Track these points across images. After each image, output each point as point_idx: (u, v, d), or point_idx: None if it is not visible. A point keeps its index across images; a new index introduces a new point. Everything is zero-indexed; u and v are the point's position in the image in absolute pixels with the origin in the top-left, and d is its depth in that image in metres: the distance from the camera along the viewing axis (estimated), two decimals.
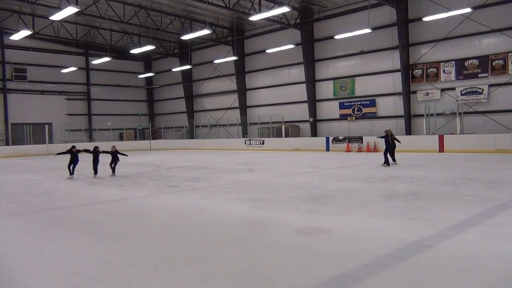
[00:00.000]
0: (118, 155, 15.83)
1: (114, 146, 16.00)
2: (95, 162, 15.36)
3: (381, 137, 16.49)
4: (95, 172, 15.11)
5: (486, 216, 6.90)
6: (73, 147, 15.26)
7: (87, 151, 15.64)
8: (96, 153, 15.51)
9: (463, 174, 12.57)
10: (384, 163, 15.77)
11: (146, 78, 46.04)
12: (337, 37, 26.78)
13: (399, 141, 16.53)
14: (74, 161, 14.99)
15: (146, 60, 45.50)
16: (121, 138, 42.84)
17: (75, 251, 5.58)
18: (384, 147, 16.27)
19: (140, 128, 44.30)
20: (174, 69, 38.95)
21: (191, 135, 41.69)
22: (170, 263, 4.95)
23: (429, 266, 4.57)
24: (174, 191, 11.04)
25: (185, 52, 40.23)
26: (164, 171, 16.71)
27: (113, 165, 15.67)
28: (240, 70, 36.77)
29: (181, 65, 39.63)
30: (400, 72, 27.03)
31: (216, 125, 39.00)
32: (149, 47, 30.52)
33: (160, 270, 4.73)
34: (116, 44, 37.45)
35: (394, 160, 16.24)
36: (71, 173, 14.89)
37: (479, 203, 7.97)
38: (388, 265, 4.64)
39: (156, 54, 42.00)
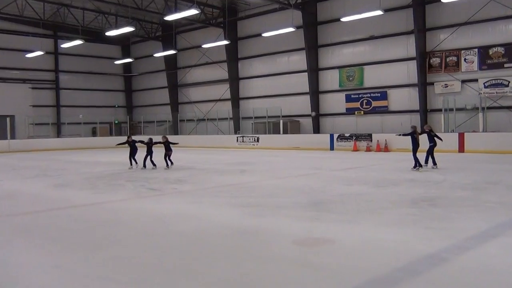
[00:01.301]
0: (170, 145, 17.56)
1: (165, 137, 17.81)
2: (150, 154, 17.43)
3: (405, 134, 15.48)
4: (154, 164, 17.23)
5: (511, 225, 6.95)
6: (129, 137, 18.17)
7: (141, 142, 17.96)
8: (150, 145, 17.58)
9: (485, 178, 12.65)
10: (415, 166, 14.78)
11: (124, 64, 45.89)
12: (343, 19, 26.81)
13: (440, 139, 15.74)
14: (133, 151, 17.77)
15: (124, 44, 45.34)
16: (94, 133, 42.70)
17: (40, 263, 5.56)
18: (411, 146, 15.12)
19: (116, 122, 44.15)
20: (156, 55, 38.84)
21: (175, 130, 41.59)
22: (150, 277, 4.94)
23: (446, 282, 4.59)
24: (155, 194, 11.01)
25: (169, 35, 40.11)
26: (144, 171, 16.67)
27: (167, 157, 17.34)
28: (233, 57, 36.74)
29: (164, 50, 39.51)
30: (415, 61, 27.14)
31: (204, 120, 38.97)
32: (128, 29, 30.41)
33: (137, 285, 4.73)
34: (89, 25, 37.25)
35: (434, 163, 15.18)
36: (131, 164, 17.64)
37: (503, 211, 8.03)
38: (399, 281, 4.67)
39: (136, 37, 41.86)
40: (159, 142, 17.62)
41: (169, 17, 27.79)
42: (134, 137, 18.10)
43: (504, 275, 4.74)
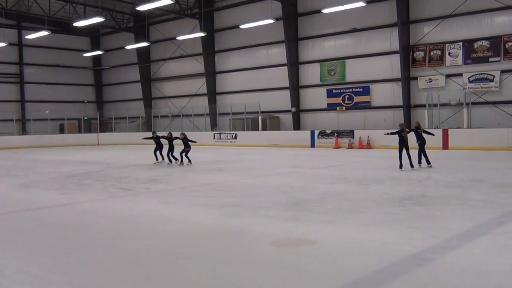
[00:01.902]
0: (188, 142, 18.06)
1: (183, 133, 18.37)
2: (172, 150, 18.28)
3: (393, 133, 14.99)
4: (176, 159, 18.13)
5: (496, 224, 7.10)
6: (153, 132, 19.48)
7: (163, 137, 18.88)
8: (171, 140, 18.39)
9: (470, 175, 12.88)
10: (401, 166, 14.43)
11: (94, 57, 45.36)
12: (325, 11, 26.96)
13: (431, 134, 15.77)
14: (159, 147, 18.80)
15: (94, 35, 44.80)
16: (61, 130, 42.16)
17: (3, 268, 5.47)
18: (398, 145, 14.73)
19: (85, 118, 43.63)
20: (128, 47, 38.51)
21: (148, 127, 41.29)
22: (122, 282, 4.90)
23: (430, 283, 4.66)
24: (127, 195, 10.94)
25: (141, 26, 39.77)
26: (115, 170, 16.55)
27: (184, 154, 17.94)
28: (209, 49, 36.62)
29: (137, 42, 39.18)
30: (398, 55, 27.44)
31: (179, 116, 38.78)
32: (97, 19, 30.03)
33: None
34: (56, 15, 36.69)
35: (428, 161, 14.82)
36: (157, 159, 18.73)
37: (488, 209, 8.19)
38: (382, 282, 4.72)
39: (106, 28, 41.36)
40: (177, 138, 18.29)
41: (142, 7, 27.55)
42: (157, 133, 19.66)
43: (489, 275, 4.83)
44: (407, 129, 14.90)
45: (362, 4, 25.35)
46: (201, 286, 4.75)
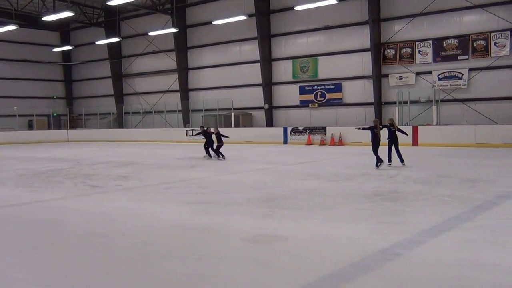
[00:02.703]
0: (221, 137, 18.76)
1: (216, 128, 19.40)
2: (211, 144, 19.02)
3: (365, 128, 14.69)
4: (213, 154, 18.72)
5: (463, 219, 7.27)
6: (207, 128, 20.15)
7: (212, 133, 19.42)
8: (209, 134, 19.15)
9: (439, 171, 13.14)
10: (378, 163, 14.07)
11: (63, 52, 44.58)
12: (297, 8, 27.07)
13: (405, 133, 15.11)
14: (208, 142, 19.29)
15: (63, 30, 44.00)
16: (30, 126, 41.36)
17: None
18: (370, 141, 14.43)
19: (55, 114, 42.92)
20: (99, 42, 37.97)
21: (119, 124, 40.87)
22: (90, 282, 4.85)
23: (398, 277, 4.75)
24: (98, 192, 10.83)
25: (112, 21, 39.25)
26: (85, 167, 16.34)
27: (218, 149, 18.52)
28: (181, 45, 36.40)
29: (108, 37, 38.68)
30: (370, 52, 27.76)
31: (151, 112, 38.46)
32: (67, 14, 29.54)
33: None
34: (25, 9, 35.89)
35: (401, 160, 14.35)
36: (209, 154, 19.16)
37: (456, 204, 8.38)
38: (352, 277, 4.79)
39: (76, 22, 40.67)
40: (212, 133, 19.17)
41: (112, 2, 27.20)
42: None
43: (457, 269, 4.95)
44: (380, 126, 14.48)
45: (334, 1, 25.52)
46: (173, 283, 4.74)
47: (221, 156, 18.45)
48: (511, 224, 6.90)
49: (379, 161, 14.00)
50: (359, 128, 15.45)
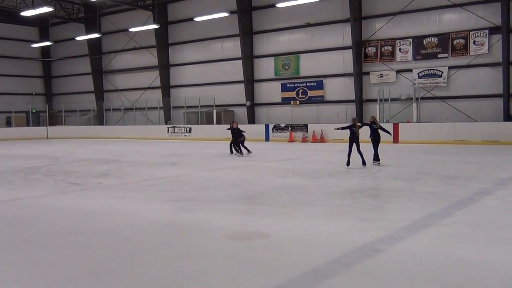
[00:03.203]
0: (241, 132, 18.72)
1: (236, 123, 19.36)
2: (236, 140, 18.74)
3: (344, 128, 14.23)
4: (240, 150, 18.50)
5: (443, 215, 7.36)
6: (234, 123, 19.46)
7: (229, 129, 19.39)
8: (236, 131, 18.83)
9: (419, 168, 13.28)
10: (363, 163, 13.72)
11: (42, 48, 43.92)
12: (279, 5, 27.05)
13: (388, 132, 14.78)
14: (235, 139, 18.94)
15: (42, 26, 43.36)
16: (8, 123, 40.76)
17: None
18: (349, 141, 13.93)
19: (34, 111, 42.33)
20: (79, 38, 37.52)
21: (100, 120, 40.50)
22: (71, 280, 4.80)
23: (378, 273, 4.79)
24: (78, 189, 10.73)
25: (92, 17, 38.79)
26: (65, 165, 16.18)
27: (241, 144, 18.52)
28: (163, 42, 36.17)
29: (88, 33, 38.22)
30: (351, 50, 27.89)
31: (132, 109, 38.17)
32: (46, 9, 29.16)
33: None
34: (3, 4, 35.33)
35: (377, 158, 14.20)
36: (237, 151, 18.61)
37: (435, 201, 8.48)
38: (333, 273, 4.82)
39: (55, 18, 40.14)
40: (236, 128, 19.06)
41: None
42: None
43: (436, 264, 5.01)
44: (359, 124, 14.24)
45: None
46: (153, 281, 4.71)
47: (247, 150, 18.48)
48: (489, 220, 7.00)
49: (348, 162, 13.66)
50: (338, 128, 14.96)
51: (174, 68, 36.83)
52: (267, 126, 28.74)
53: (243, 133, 18.86)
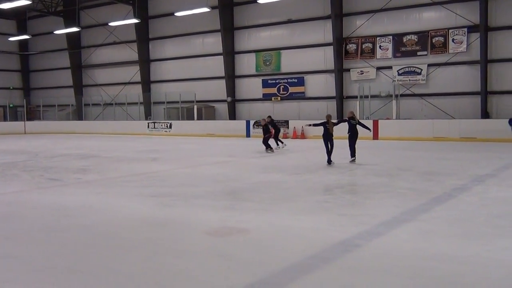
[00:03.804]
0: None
1: (264, 120, 18.85)
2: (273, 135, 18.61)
3: (316, 125, 14.09)
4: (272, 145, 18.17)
5: (421, 210, 7.45)
6: (263, 119, 18.76)
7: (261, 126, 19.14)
8: (271, 125, 18.65)
9: (398, 165, 13.42)
10: (329, 161, 13.41)
11: (20, 41, 43.21)
12: (260, 0, 27.03)
13: (367, 128, 14.44)
14: (275, 133, 18.87)
15: (20, 19, 42.66)
16: None
17: None
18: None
19: (11, 106, 41.71)
20: (57, 32, 37.00)
21: (79, 115, 40.05)
22: (49, 277, 4.75)
23: (357, 268, 4.83)
24: (56, 185, 10.63)
25: (71, 10, 38.28)
26: (43, 160, 15.99)
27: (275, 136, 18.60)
28: (143, 37, 35.88)
29: (67, 26, 37.71)
30: (332, 46, 28.01)
31: (112, 104, 37.82)
32: (24, 2, 28.67)
33: (34, 286, 4.53)
34: None
35: (353, 155, 13.86)
36: (269, 147, 18.05)
37: (414, 196, 8.58)
38: (312, 268, 4.84)
39: (33, 11, 39.53)
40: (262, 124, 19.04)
41: None
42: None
43: (414, 259, 5.07)
44: (333, 121, 13.90)
45: None
46: (132, 277, 4.69)
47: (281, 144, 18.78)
48: (467, 216, 7.11)
49: (329, 160, 13.37)
50: (310, 125, 14.81)
51: (154, 63, 36.59)
52: (248, 122, 28.73)
53: (278, 126, 19.29)
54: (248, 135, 28.32)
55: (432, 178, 10.76)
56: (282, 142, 19.45)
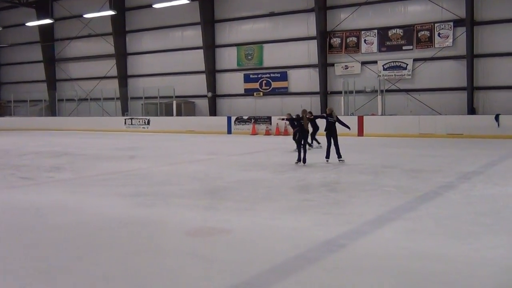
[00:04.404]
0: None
1: (289, 114, 16.03)
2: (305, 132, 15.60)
3: (289, 119, 14.09)
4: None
5: (406, 209, 7.52)
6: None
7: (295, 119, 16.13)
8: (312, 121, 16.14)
9: (383, 162, 13.53)
10: (299, 159, 13.05)
11: None
12: None
13: (346, 126, 13.67)
14: (314, 131, 16.59)
15: None
16: None
17: None
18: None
19: None
20: (29, 23, 36.59)
21: (52, 111, 39.65)
22: (20, 280, 4.69)
23: (342, 268, 4.86)
24: (28, 184, 10.51)
25: (44, 1, 37.86)
26: (14, 158, 15.83)
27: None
28: (119, 29, 35.61)
29: (39, 18, 37.32)
30: (316, 40, 28.10)
31: (87, 99, 37.49)
32: None
33: None
34: None
35: (339, 155, 13.27)
36: (310, 145, 15.76)
37: (399, 194, 8.66)
38: (296, 269, 4.85)
39: (4, 2, 38.96)
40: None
41: None
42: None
43: (399, 258, 5.11)
44: (309, 116, 13.60)
45: None
46: (108, 278, 4.65)
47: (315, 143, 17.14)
48: (453, 214, 7.20)
49: (300, 158, 12.94)
50: (282, 119, 14.29)
51: (131, 57, 36.33)
52: (229, 119, 28.71)
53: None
54: (229, 131, 28.31)
55: (417, 176, 10.87)
56: (318, 142, 17.27)
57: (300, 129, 13.07)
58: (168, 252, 5.47)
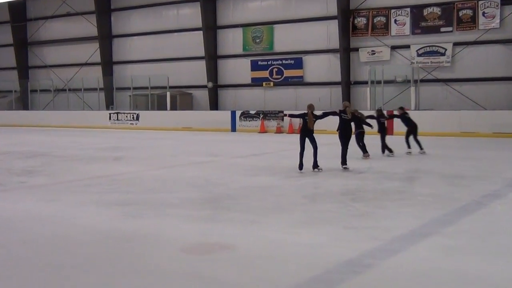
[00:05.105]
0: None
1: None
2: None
3: (294, 115, 13.67)
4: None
5: (444, 222, 7.47)
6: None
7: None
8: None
9: (417, 166, 13.49)
10: (301, 166, 12.61)
11: None
12: None
13: (368, 124, 14.12)
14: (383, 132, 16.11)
15: None
16: None
17: None
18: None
19: None
20: None
21: (24, 104, 39.91)
22: None
23: None
24: None
25: None
26: None
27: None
28: (103, 7, 35.78)
29: None
30: (336, 21, 28.03)
31: (65, 90, 37.67)
32: None
33: None
34: None
35: (344, 161, 12.86)
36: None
37: (435, 205, 8.61)
38: None
39: None
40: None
41: None
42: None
43: (437, 280, 5.08)
44: (316, 113, 12.76)
45: None
46: None
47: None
48: (499, 229, 7.16)
49: (301, 165, 12.64)
50: (285, 115, 14.26)
51: (118, 40, 36.45)
52: (233, 113, 28.71)
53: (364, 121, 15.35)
54: (233, 129, 28.31)
55: (457, 183, 10.82)
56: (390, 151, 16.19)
57: (302, 128, 12.67)
58: (160, 271, 5.48)
